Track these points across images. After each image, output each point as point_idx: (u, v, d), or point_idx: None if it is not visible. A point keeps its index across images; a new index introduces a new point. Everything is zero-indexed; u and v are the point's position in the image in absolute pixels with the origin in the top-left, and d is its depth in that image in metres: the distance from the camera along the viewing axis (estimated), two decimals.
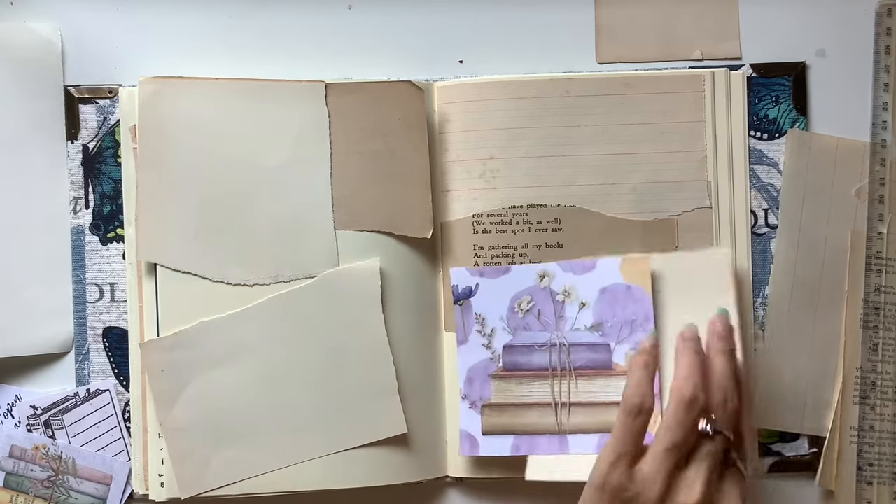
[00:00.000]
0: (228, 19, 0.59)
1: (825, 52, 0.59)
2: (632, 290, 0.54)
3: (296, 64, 0.59)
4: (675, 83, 0.58)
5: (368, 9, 0.60)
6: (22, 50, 0.58)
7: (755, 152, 0.59)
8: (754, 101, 0.59)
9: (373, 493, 0.56)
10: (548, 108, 0.58)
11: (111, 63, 0.59)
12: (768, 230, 0.59)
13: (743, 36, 0.59)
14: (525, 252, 0.58)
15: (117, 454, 0.58)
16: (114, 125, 0.58)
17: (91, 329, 0.58)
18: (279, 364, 0.56)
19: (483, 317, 0.57)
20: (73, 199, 0.59)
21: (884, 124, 0.58)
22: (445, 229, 0.58)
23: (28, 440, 0.58)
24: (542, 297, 0.56)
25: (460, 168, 0.58)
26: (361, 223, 0.56)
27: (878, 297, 0.57)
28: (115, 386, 0.58)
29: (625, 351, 0.55)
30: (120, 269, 0.58)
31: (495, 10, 0.60)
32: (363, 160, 0.56)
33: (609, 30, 0.60)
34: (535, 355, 0.56)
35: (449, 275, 0.57)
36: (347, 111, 0.56)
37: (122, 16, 0.59)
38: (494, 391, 0.56)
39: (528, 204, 0.58)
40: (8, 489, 0.58)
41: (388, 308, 0.56)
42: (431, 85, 0.58)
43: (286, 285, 0.56)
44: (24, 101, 0.58)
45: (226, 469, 0.55)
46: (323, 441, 0.56)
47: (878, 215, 0.58)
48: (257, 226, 0.56)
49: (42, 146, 0.58)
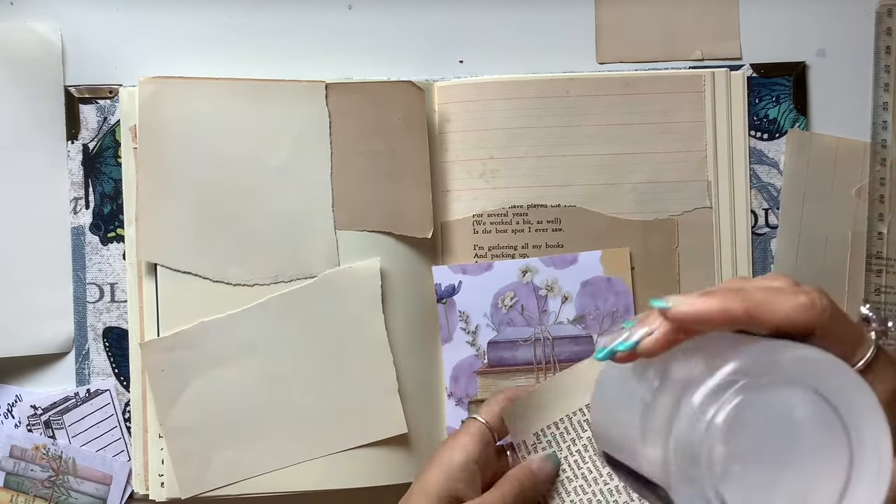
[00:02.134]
0: (228, 19, 0.59)
1: (825, 52, 0.59)
2: (612, 283, 0.55)
3: (296, 64, 0.59)
4: (675, 83, 0.58)
5: (368, 9, 0.59)
6: (22, 50, 0.58)
7: (755, 152, 0.59)
8: (754, 101, 0.59)
9: (373, 493, 0.56)
10: (548, 108, 0.58)
11: (111, 63, 0.59)
12: (768, 230, 0.59)
13: (743, 36, 0.59)
14: (525, 252, 0.58)
15: (117, 454, 0.58)
16: (114, 125, 0.58)
17: (91, 329, 0.58)
18: (279, 364, 0.56)
19: (467, 314, 0.57)
20: (73, 199, 0.59)
21: (884, 124, 0.58)
22: (445, 229, 0.58)
23: (28, 440, 0.58)
24: (525, 292, 0.56)
25: (460, 168, 0.58)
26: (361, 223, 0.56)
27: (878, 297, 0.57)
28: (116, 386, 0.58)
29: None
30: (120, 269, 0.58)
31: (495, 10, 0.60)
32: (363, 160, 0.56)
33: (609, 30, 0.60)
34: (519, 350, 0.57)
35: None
36: (347, 111, 0.56)
37: (122, 16, 0.59)
38: (480, 387, 0.57)
39: (528, 204, 0.58)
40: (8, 489, 0.58)
41: (389, 308, 0.56)
42: (431, 85, 0.58)
43: (286, 285, 0.56)
44: (24, 101, 0.58)
45: (226, 469, 0.55)
46: (323, 441, 0.56)
47: (879, 215, 0.58)
48: (257, 226, 0.56)
49: (42, 146, 0.58)
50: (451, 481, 0.46)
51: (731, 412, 0.28)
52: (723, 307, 0.32)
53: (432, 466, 0.47)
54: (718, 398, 0.28)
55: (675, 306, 0.32)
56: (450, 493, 0.46)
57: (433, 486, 0.46)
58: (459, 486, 0.46)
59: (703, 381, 0.29)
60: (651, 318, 0.34)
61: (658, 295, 0.33)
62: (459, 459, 0.47)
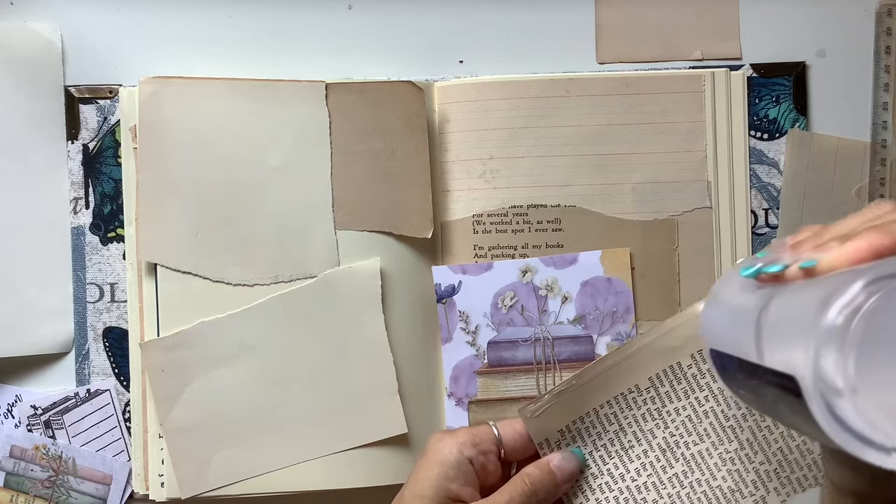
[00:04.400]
0: (228, 19, 0.59)
1: (825, 52, 0.59)
2: (612, 283, 0.55)
3: (296, 64, 0.59)
4: (675, 83, 0.58)
5: (368, 9, 0.59)
6: (22, 50, 0.58)
7: (755, 152, 0.59)
8: (754, 101, 0.59)
9: (373, 493, 0.56)
10: (548, 108, 0.58)
11: (111, 63, 0.59)
12: (768, 230, 0.59)
13: (743, 36, 0.59)
14: (525, 252, 0.58)
15: (117, 454, 0.58)
16: (114, 125, 0.58)
17: (91, 329, 0.58)
18: (279, 364, 0.56)
19: (467, 314, 0.57)
20: (73, 199, 0.59)
21: (884, 124, 0.58)
22: (445, 229, 0.58)
23: (28, 440, 0.58)
24: (525, 292, 0.56)
25: (460, 168, 0.58)
26: (361, 223, 0.56)
27: None
28: (116, 386, 0.58)
29: (606, 342, 0.55)
30: (120, 269, 0.58)
31: (495, 10, 0.60)
32: (363, 160, 0.56)
33: (609, 30, 0.60)
34: (519, 350, 0.57)
35: None
36: (347, 111, 0.56)
37: (122, 16, 0.59)
38: (480, 387, 0.57)
39: (528, 204, 0.58)
40: (8, 489, 0.58)
41: (389, 308, 0.56)
42: (431, 85, 0.58)
43: (286, 285, 0.56)
44: (24, 101, 0.58)
45: (226, 469, 0.55)
46: (323, 441, 0.56)
47: None
48: (257, 226, 0.56)
49: (42, 146, 0.58)
50: (445, 479, 0.44)
51: (874, 306, 0.28)
52: (873, 250, 0.31)
53: (424, 465, 0.45)
54: (863, 296, 0.28)
55: (822, 263, 0.32)
56: (447, 494, 0.44)
57: (427, 489, 0.44)
58: (453, 487, 0.44)
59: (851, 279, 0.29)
60: (800, 249, 0.34)
61: (802, 253, 0.33)
62: (453, 456, 0.44)
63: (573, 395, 0.46)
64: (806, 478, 0.46)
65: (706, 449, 0.46)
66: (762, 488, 0.46)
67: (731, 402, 0.46)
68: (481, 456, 0.45)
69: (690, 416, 0.46)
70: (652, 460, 0.46)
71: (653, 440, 0.46)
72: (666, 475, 0.46)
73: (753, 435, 0.46)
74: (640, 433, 0.46)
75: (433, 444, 0.46)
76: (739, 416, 0.46)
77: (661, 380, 0.46)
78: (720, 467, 0.46)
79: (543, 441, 0.46)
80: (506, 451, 0.46)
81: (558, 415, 0.46)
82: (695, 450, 0.46)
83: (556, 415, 0.46)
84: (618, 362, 0.46)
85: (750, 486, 0.46)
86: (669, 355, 0.46)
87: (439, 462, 0.44)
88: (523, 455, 0.47)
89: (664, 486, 0.46)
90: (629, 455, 0.46)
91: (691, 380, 0.46)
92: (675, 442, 0.46)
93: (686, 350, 0.46)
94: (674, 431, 0.46)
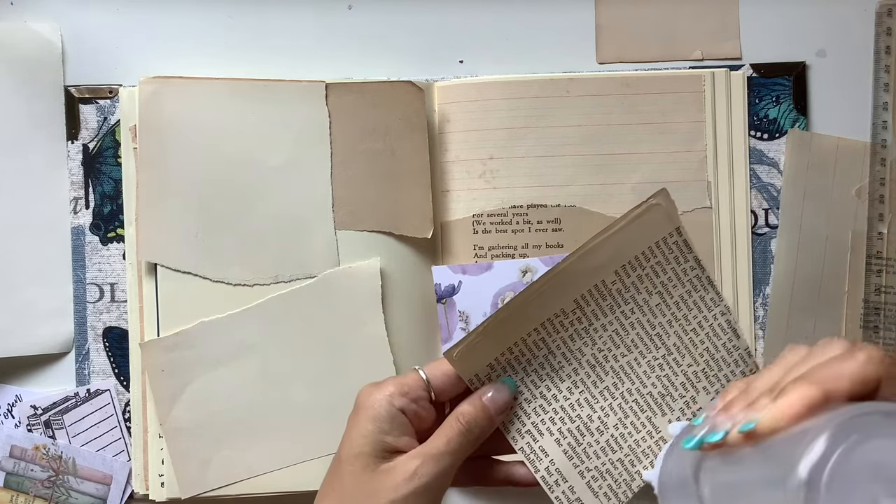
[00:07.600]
0: (228, 19, 0.59)
1: (825, 52, 0.59)
2: None
3: (296, 64, 0.59)
4: (675, 83, 0.58)
5: (368, 9, 0.60)
6: (22, 50, 0.58)
7: (755, 152, 0.59)
8: (754, 101, 0.59)
9: None
10: (548, 108, 0.58)
11: (111, 63, 0.59)
12: (768, 230, 0.59)
13: (743, 36, 0.59)
14: (525, 252, 0.58)
15: (117, 454, 0.58)
16: (114, 125, 0.58)
17: (91, 329, 0.58)
18: (279, 364, 0.56)
19: (467, 314, 0.57)
20: (73, 199, 0.59)
21: (884, 124, 0.58)
22: (445, 229, 0.58)
23: (28, 440, 0.58)
24: None
25: (460, 168, 0.58)
26: (361, 223, 0.56)
27: (878, 297, 0.57)
28: (116, 386, 0.58)
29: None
30: (120, 269, 0.58)
31: (495, 10, 0.60)
32: (363, 160, 0.56)
33: (609, 30, 0.60)
34: None
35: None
36: (347, 111, 0.56)
37: (122, 16, 0.59)
38: None
39: (528, 204, 0.58)
40: (8, 489, 0.58)
41: (389, 308, 0.56)
42: (431, 85, 0.58)
43: (286, 285, 0.56)
44: (24, 101, 0.58)
45: (226, 469, 0.55)
46: (323, 441, 0.56)
47: (879, 215, 0.58)
48: (257, 226, 0.56)
49: (42, 146, 0.58)
50: (380, 434, 0.43)
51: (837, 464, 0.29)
52: (806, 404, 0.32)
53: (357, 422, 0.44)
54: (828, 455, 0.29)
55: (760, 425, 0.33)
56: (384, 447, 0.43)
57: (364, 446, 0.43)
58: (389, 440, 0.43)
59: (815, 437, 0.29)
60: (733, 411, 0.35)
61: (736, 415, 0.35)
62: (384, 409, 0.43)
63: (499, 329, 0.45)
64: (734, 373, 0.47)
65: (634, 359, 0.46)
66: (692, 389, 0.47)
67: (657, 310, 0.46)
68: (412, 404, 0.44)
69: (617, 330, 0.46)
70: (582, 377, 0.46)
71: (581, 358, 0.46)
72: (597, 389, 0.46)
73: (680, 339, 0.47)
74: (568, 353, 0.46)
75: (362, 399, 0.45)
76: (665, 323, 0.46)
77: (586, 300, 0.45)
78: (649, 374, 0.47)
79: (473, 377, 0.45)
80: (436, 393, 0.45)
81: (486, 350, 0.45)
82: (623, 361, 0.46)
83: (484, 350, 0.45)
84: (541, 289, 0.45)
85: (679, 388, 0.47)
86: (592, 275, 0.45)
87: (372, 418, 0.44)
88: (454, 393, 0.46)
89: (596, 401, 0.46)
90: (559, 375, 0.46)
91: (616, 295, 0.46)
92: (603, 357, 0.46)
93: (610, 268, 0.45)
94: (601, 347, 0.46)
